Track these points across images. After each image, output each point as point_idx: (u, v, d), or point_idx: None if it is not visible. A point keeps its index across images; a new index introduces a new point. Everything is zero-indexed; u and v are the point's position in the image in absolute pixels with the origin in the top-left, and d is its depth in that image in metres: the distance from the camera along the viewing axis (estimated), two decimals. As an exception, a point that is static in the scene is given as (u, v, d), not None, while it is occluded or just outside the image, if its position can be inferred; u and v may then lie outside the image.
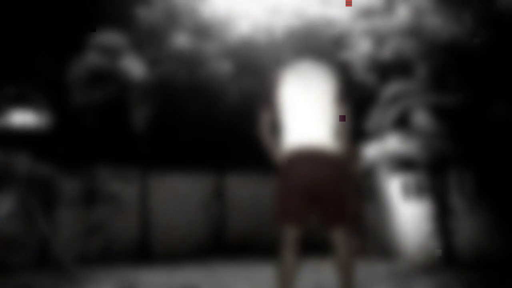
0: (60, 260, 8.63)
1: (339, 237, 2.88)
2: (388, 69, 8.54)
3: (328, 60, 3.15)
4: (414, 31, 8.04)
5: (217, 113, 10.83)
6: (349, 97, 3.02)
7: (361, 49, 8.70)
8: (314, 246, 6.27)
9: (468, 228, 8.12)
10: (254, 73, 10.11)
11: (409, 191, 9.20)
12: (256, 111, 3.13)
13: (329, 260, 3.13)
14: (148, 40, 10.12)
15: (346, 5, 9.02)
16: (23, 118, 9.50)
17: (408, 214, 9.24)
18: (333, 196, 2.90)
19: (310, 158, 2.89)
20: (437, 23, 7.77)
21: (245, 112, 8.83)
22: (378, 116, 8.35)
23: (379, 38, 8.54)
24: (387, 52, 8.32)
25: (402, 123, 8.38)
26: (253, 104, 3.41)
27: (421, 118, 8.23)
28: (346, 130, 3.01)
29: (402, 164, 8.58)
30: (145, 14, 10.09)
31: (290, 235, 2.88)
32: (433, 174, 8.48)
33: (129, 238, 9.99)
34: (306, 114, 2.96)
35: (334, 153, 2.93)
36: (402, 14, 8.23)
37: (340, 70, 3.09)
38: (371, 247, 9.48)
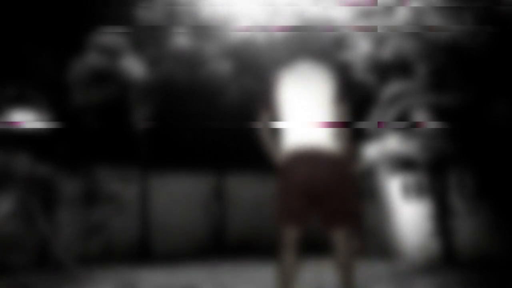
0: (60, 260, 8.62)
1: (339, 237, 2.88)
2: (388, 69, 8.54)
3: (326, 60, 3.15)
4: (414, 31, 8.04)
5: (217, 113, 10.83)
6: (347, 97, 3.02)
7: (361, 49, 8.70)
8: (314, 246, 6.28)
9: (468, 228, 8.12)
10: (254, 73, 10.11)
11: (409, 191, 9.20)
12: (255, 112, 3.14)
13: (329, 260, 3.13)
14: (148, 40, 10.12)
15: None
16: (23, 118, 9.50)
17: (408, 214, 9.24)
18: (333, 196, 2.90)
19: (309, 159, 2.89)
20: (437, 23, 7.77)
21: (245, 112, 8.82)
22: (378, 116, 8.35)
23: (379, 38, 8.54)
24: (387, 52, 8.32)
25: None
26: (253, 104, 3.41)
27: (421, 118, 8.23)
28: (345, 130, 3.01)
29: (402, 164, 8.58)
30: (145, 14, 10.09)
31: (290, 235, 2.88)
32: (433, 174, 8.47)
33: (129, 238, 9.99)
34: (305, 115, 2.96)
35: (334, 154, 2.93)
36: (402, 14, 8.23)
37: (338, 70, 3.09)
38: (371, 247, 9.48)
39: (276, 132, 3.08)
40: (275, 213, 2.95)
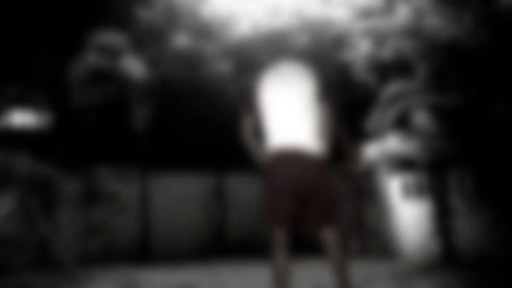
0: (60, 260, 8.63)
1: (329, 236, 2.87)
2: (388, 69, 8.54)
3: (306, 60, 3.16)
4: (414, 31, 8.03)
5: (217, 113, 10.83)
6: (328, 96, 3.03)
7: (361, 49, 8.69)
8: (313, 246, 6.27)
9: (468, 228, 8.11)
10: (254, 73, 10.10)
11: (409, 191, 9.19)
12: (239, 115, 3.16)
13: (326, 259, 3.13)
14: (148, 40, 10.12)
15: None
16: (23, 118, 9.50)
17: (408, 214, 9.23)
18: (319, 196, 2.89)
19: (293, 160, 2.89)
20: (437, 23, 7.76)
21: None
22: (378, 116, 8.35)
23: (379, 38, 8.53)
24: (387, 52, 8.31)
25: (402, 123, 8.37)
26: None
27: (421, 118, 8.22)
28: (328, 129, 3.01)
29: (402, 164, 8.58)
30: (145, 14, 10.10)
31: (280, 236, 2.87)
32: (433, 174, 8.47)
33: (129, 238, 9.99)
34: (288, 116, 2.96)
35: (317, 153, 2.93)
36: (402, 14, 8.23)
37: (319, 69, 3.09)
38: (371, 247, 9.48)
39: (259, 134, 3.09)
40: (263, 215, 2.95)
